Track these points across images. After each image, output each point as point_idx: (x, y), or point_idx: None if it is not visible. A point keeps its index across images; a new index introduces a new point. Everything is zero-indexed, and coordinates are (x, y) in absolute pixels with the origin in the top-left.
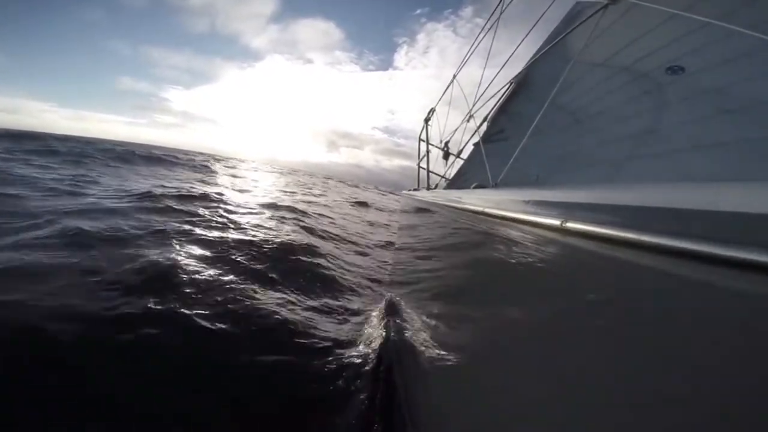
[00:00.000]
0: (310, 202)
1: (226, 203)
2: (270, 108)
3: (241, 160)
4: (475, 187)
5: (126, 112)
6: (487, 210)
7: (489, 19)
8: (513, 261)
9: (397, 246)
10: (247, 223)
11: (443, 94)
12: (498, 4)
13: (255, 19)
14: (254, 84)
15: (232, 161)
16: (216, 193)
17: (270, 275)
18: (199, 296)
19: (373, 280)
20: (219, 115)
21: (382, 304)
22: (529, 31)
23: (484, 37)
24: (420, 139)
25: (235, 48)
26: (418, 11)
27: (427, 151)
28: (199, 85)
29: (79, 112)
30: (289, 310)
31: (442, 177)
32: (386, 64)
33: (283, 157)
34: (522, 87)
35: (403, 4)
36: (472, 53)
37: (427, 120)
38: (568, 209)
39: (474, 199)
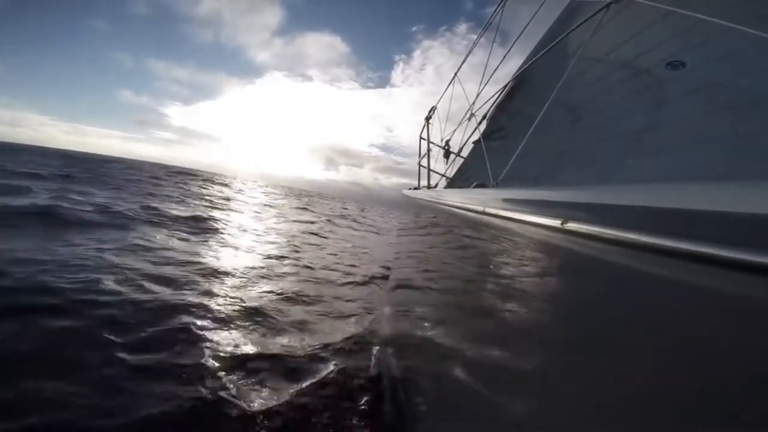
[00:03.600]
0: None
1: None
2: (268, 125)
3: (234, 177)
4: (475, 186)
5: (125, 127)
6: (487, 210)
7: (490, 19)
8: (513, 261)
9: (398, 245)
10: None
11: (444, 93)
12: (499, 4)
13: (260, 31)
14: (254, 100)
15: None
16: None
17: None
18: None
19: None
20: (217, 131)
21: (385, 297)
22: (524, 28)
23: (484, 34)
24: (421, 138)
25: (239, 62)
26: (414, 28)
27: (428, 150)
28: (198, 101)
29: (78, 126)
30: None
31: (443, 176)
32: (384, 82)
33: (279, 173)
34: (521, 85)
35: (399, 21)
36: (472, 51)
37: (428, 118)
38: (568, 209)
39: (474, 199)
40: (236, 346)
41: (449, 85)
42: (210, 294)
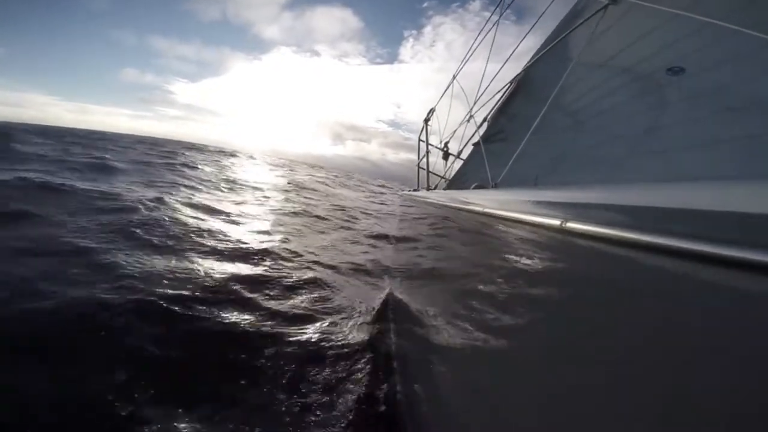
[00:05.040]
0: None
1: None
2: (275, 100)
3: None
4: (474, 188)
5: (131, 104)
6: (486, 210)
7: (489, 19)
8: (513, 261)
9: (396, 245)
10: None
11: (443, 94)
12: (498, 4)
13: (268, 5)
14: (261, 76)
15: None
16: None
17: None
18: None
19: None
20: (223, 108)
21: (383, 295)
22: (528, 32)
23: (484, 37)
24: (420, 140)
25: (246, 38)
26: (426, 4)
27: (427, 152)
28: (205, 78)
29: (83, 105)
30: None
31: (442, 177)
32: (392, 57)
33: (286, 149)
34: (521, 87)
35: None
36: (472, 53)
37: (426, 120)
38: (568, 209)
39: (474, 200)
40: None
41: (448, 86)
42: None
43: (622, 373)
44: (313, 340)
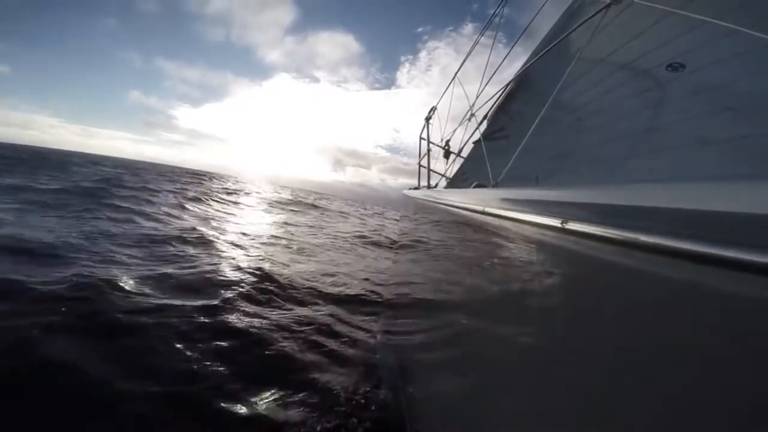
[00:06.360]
0: None
1: None
2: (276, 126)
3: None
4: (475, 186)
5: (135, 128)
6: (487, 210)
7: (490, 19)
8: (513, 261)
9: (398, 244)
10: None
11: (444, 93)
12: (499, 4)
13: (272, 28)
14: (262, 102)
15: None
16: None
17: None
18: None
19: None
20: (225, 133)
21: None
22: (525, 28)
23: (483, 36)
24: (421, 138)
25: (248, 62)
26: (420, 29)
27: (428, 150)
28: (207, 103)
29: (87, 128)
30: None
31: (443, 176)
32: (390, 83)
33: (287, 175)
34: (522, 85)
35: (406, 22)
36: (472, 52)
37: (428, 118)
38: (568, 209)
39: (474, 199)
40: None
41: (449, 85)
42: None
43: (622, 373)
44: None
